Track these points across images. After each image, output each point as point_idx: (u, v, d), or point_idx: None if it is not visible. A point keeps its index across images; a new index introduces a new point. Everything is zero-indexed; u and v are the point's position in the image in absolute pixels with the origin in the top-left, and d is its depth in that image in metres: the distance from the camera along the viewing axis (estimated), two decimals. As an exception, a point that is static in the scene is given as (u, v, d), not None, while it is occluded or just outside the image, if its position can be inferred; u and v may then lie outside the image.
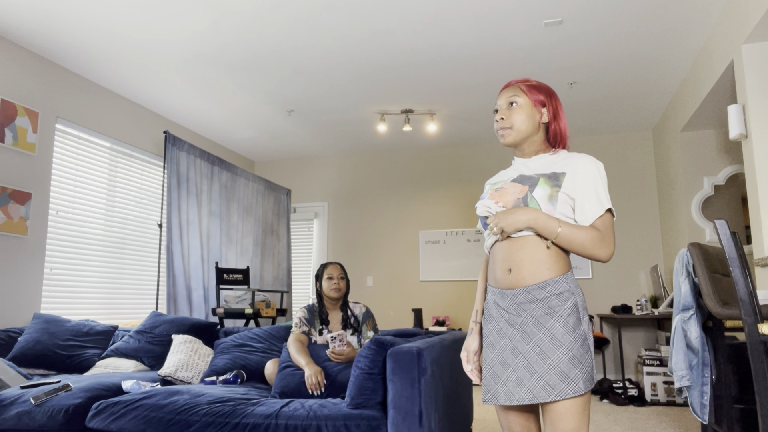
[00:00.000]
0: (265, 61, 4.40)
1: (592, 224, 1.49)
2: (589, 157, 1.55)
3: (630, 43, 4.12)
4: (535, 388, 1.41)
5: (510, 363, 1.48)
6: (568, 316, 1.44)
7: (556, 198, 1.49)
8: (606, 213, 1.50)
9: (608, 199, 1.51)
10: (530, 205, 1.50)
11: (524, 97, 1.59)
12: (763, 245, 3.27)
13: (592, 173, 1.52)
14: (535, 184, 1.53)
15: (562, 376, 1.39)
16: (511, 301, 1.50)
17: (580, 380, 1.39)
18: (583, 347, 1.43)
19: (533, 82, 1.62)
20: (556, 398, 1.38)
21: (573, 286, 1.49)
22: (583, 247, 1.46)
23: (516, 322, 1.49)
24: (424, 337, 2.90)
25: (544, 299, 1.46)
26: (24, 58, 4.08)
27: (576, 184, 1.51)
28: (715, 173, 4.94)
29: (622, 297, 5.99)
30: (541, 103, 1.61)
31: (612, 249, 1.48)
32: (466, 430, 3.05)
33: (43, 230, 4.13)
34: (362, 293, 6.76)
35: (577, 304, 1.46)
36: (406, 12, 3.68)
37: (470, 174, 6.65)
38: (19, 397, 2.63)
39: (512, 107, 1.59)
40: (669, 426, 3.80)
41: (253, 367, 3.26)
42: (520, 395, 1.44)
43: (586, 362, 1.42)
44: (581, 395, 1.40)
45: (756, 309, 1.92)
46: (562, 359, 1.40)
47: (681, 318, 2.84)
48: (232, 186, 5.95)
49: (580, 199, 1.51)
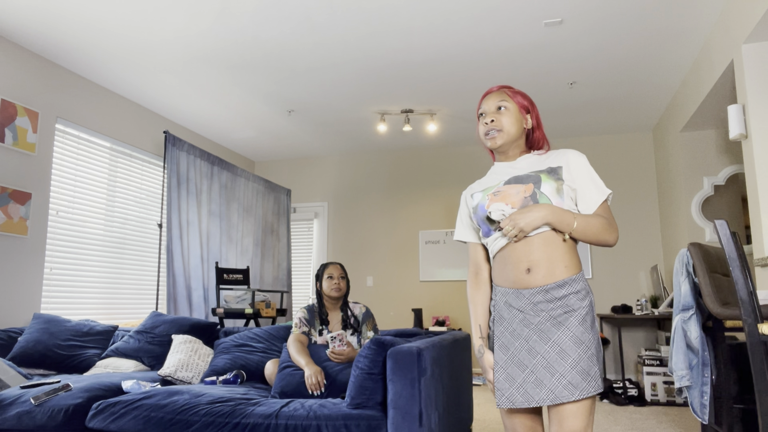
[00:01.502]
0: (265, 61, 4.40)
1: (596, 211, 1.54)
2: (574, 150, 1.61)
3: (630, 43, 4.12)
4: (557, 388, 1.40)
5: (527, 364, 1.46)
6: (586, 315, 1.46)
7: (562, 190, 1.53)
8: (605, 200, 1.57)
9: (603, 184, 1.58)
10: (540, 200, 1.52)
11: (511, 102, 1.63)
12: (763, 245, 3.27)
13: (583, 163, 1.59)
14: (539, 181, 1.54)
15: (584, 374, 1.40)
16: (528, 300, 1.50)
17: (598, 378, 1.43)
18: (599, 345, 1.48)
19: (515, 89, 1.68)
20: (578, 397, 1.38)
21: (587, 284, 1.53)
22: (597, 234, 1.50)
23: (532, 322, 1.48)
24: (424, 337, 2.90)
25: (563, 298, 1.47)
26: (24, 58, 4.08)
27: (573, 175, 1.57)
28: (715, 173, 4.94)
29: (622, 297, 5.99)
30: (526, 109, 1.66)
31: (618, 233, 1.54)
32: (466, 430, 3.05)
33: (43, 230, 4.13)
34: (362, 293, 6.76)
35: (592, 302, 1.50)
36: (406, 12, 3.68)
37: (470, 174, 6.65)
38: (19, 397, 2.63)
39: (500, 111, 1.62)
40: (669, 426, 3.80)
41: (253, 367, 3.26)
42: (540, 396, 1.42)
43: (600, 361, 1.47)
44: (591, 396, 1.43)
45: (756, 309, 1.92)
46: (582, 357, 1.41)
47: (681, 318, 2.84)
48: (232, 186, 5.95)
49: (581, 189, 1.56)
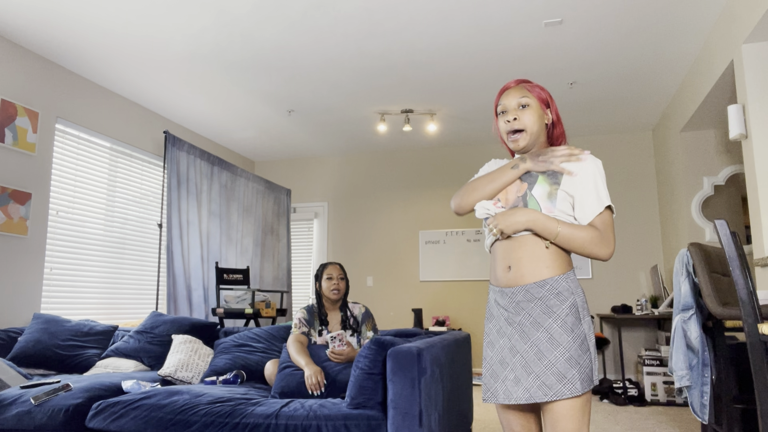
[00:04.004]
0: (265, 61, 4.40)
1: (592, 222, 1.48)
2: (589, 157, 1.53)
3: (630, 43, 4.12)
4: (532, 388, 1.41)
5: (508, 362, 1.48)
6: (566, 316, 1.43)
7: (555, 196, 1.49)
8: (605, 210, 1.49)
9: (607, 196, 1.49)
10: (529, 203, 1.50)
11: (532, 98, 1.56)
12: (763, 245, 3.27)
13: (591, 170, 1.50)
14: (534, 182, 1.52)
15: (559, 377, 1.39)
16: (510, 299, 1.50)
17: (577, 381, 1.39)
18: (581, 348, 1.42)
19: (533, 83, 1.61)
20: (552, 398, 1.38)
21: (573, 285, 1.48)
22: (582, 246, 1.45)
23: (515, 320, 1.48)
24: (424, 337, 2.90)
25: (543, 298, 1.45)
26: (24, 58, 4.08)
27: (574, 182, 1.50)
28: (715, 173, 4.94)
29: (622, 297, 5.99)
30: (546, 103, 1.59)
31: (612, 248, 1.46)
32: (466, 430, 3.05)
33: (43, 230, 4.13)
34: (362, 293, 6.76)
35: (576, 303, 1.45)
36: (406, 12, 3.68)
37: (470, 174, 6.64)
38: (19, 397, 2.63)
39: (523, 109, 1.55)
40: (669, 426, 3.80)
41: (253, 367, 3.26)
42: (517, 394, 1.44)
43: (584, 363, 1.41)
44: (579, 396, 1.40)
45: (756, 309, 1.92)
46: (559, 359, 1.40)
47: (681, 318, 2.84)
48: (232, 186, 5.95)
49: (580, 197, 1.49)
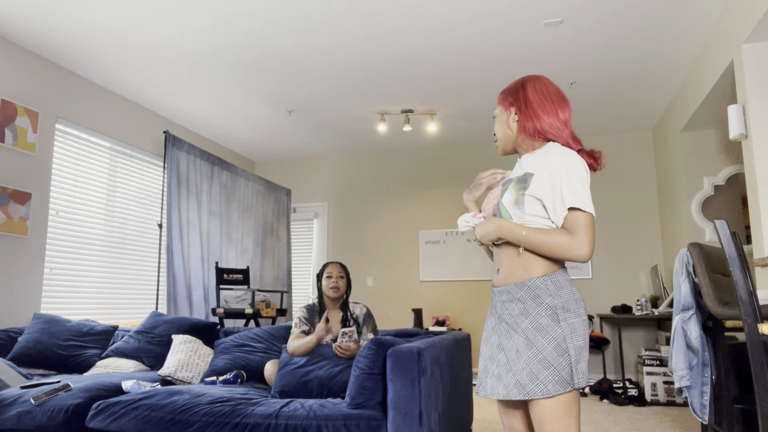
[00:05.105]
0: (265, 61, 4.40)
1: (564, 224, 1.45)
2: (560, 154, 1.49)
3: (630, 43, 4.12)
4: (509, 385, 1.45)
5: (495, 358, 1.54)
6: (541, 318, 1.44)
7: (522, 201, 1.48)
8: (576, 211, 1.42)
9: (576, 195, 1.42)
10: (501, 211, 1.54)
11: (499, 107, 1.66)
12: (763, 245, 3.27)
13: (559, 171, 1.45)
14: (506, 190, 1.55)
15: (532, 377, 1.42)
16: (498, 298, 1.57)
17: (550, 383, 1.39)
18: (557, 350, 1.41)
19: (505, 88, 1.65)
20: (525, 398, 1.42)
21: (553, 287, 1.46)
22: (551, 250, 1.43)
23: (503, 319, 1.54)
24: (424, 337, 2.90)
25: (521, 299, 1.49)
26: (24, 58, 4.08)
27: (541, 185, 1.47)
28: (715, 173, 4.94)
29: (622, 297, 5.99)
30: (510, 104, 1.61)
31: (586, 249, 1.39)
32: (466, 430, 3.05)
33: (43, 230, 4.13)
34: (362, 293, 6.76)
35: (554, 305, 1.44)
36: (406, 12, 3.68)
37: (470, 174, 6.64)
38: (19, 397, 2.63)
39: (495, 120, 1.68)
40: (669, 426, 3.80)
41: (253, 367, 3.26)
42: (497, 390, 1.49)
43: (560, 365, 1.40)
44: (553, 397, 1.40)
45: (756, 309, 1.92)
46: (532, 360, 1.42)
47: (681, 318, 2.84)
48: (232, 186, 5.95)
49: (550, 199, 1.47)
